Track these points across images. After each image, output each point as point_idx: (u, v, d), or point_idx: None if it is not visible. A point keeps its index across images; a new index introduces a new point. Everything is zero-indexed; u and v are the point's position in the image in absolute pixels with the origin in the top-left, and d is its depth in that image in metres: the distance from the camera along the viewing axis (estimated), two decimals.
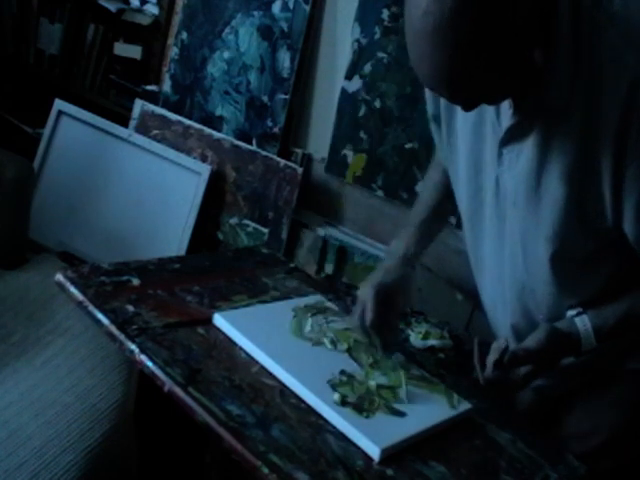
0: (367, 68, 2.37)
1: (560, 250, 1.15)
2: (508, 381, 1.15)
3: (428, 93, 1.32)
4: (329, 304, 1.43)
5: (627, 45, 1.01)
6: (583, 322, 1.16)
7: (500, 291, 1.31)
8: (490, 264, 1.31)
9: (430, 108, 1.33)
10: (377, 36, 2.33)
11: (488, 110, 1.17)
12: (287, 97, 2.52)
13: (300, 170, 2.47)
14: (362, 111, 2.40)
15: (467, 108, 1.10)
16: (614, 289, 1.17)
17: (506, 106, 1.12)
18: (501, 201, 1.21)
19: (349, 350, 1.29)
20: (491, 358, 1.14)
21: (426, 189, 1.50)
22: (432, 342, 1.72)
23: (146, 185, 2.62)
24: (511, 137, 1.14)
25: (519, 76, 1.04)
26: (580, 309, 1.17)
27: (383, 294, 1.31)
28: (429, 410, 1.19)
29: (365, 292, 1.32)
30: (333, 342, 1.30)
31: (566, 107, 1.06)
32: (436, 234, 1.49)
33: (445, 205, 1.45)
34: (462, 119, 1.24)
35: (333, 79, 2.48)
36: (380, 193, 2.38)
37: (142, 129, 2.70)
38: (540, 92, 1.06)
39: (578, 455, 1.23)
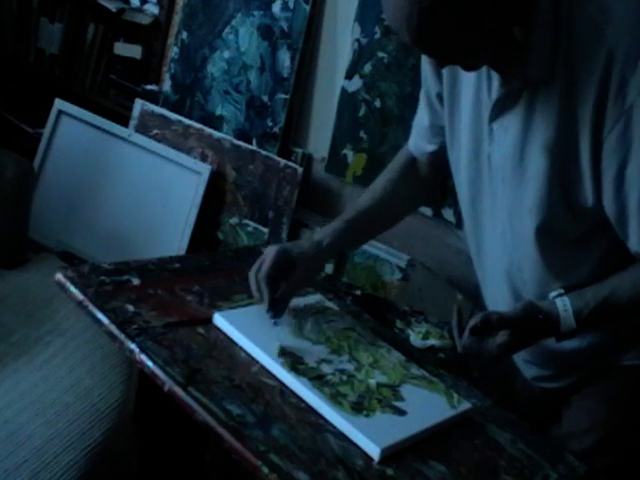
0: (367, 68, 2.37)
1: (544, 225, 1.17)
2: (483, 350, 1.15)
3: (429, 73, 1.32)
4: (329, 304, 1.43)
5: (604, 19, 1.04)
6: (563, 303, 1.16)
7: (497, 276, 1.32)
8: (489, 250, 1.32)
9: (433, 87, 1.33)
10: (377, 36, 2.33)
11: (483, 90, 1.19)
12: (287, 97, 2.52)
13: (300, 170, 2.47)
14: (362, 111, 2.40)
15: (439, 64, 1.13)
16: (601, 275, 1.18)
17: (497, 83, 1.15)
18: (493, 179, 1.23)
19: (349, 350, 1.29)
20: (470, 324, 1.15)
21: (373, 187, 1.45)
22: (432, 342, 1.72)
23: (146, 185, 2.62)
24: (499, 111, 1.16)
25: (497, 48, 1.07)
26: (562, 291, 1.18)
27: (284, 260, 1.30)
28: (429, 410, 1.19)
29: (269, 250, 1.31)
30: (333, 342, 1.30)
31: (548, 81, 1.09)
32: (367, 237, 1.50)
33: (384, 212, 1.43)
34: (464, 102, 1.25)
35: (333, 79, 2.48)
36: None
37: (142, 129, 2.70)
38: (523, 67, 1.09)
39: (575, 453, 1.23)
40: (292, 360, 1.20)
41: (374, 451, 1.06)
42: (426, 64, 1.32)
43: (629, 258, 1.15)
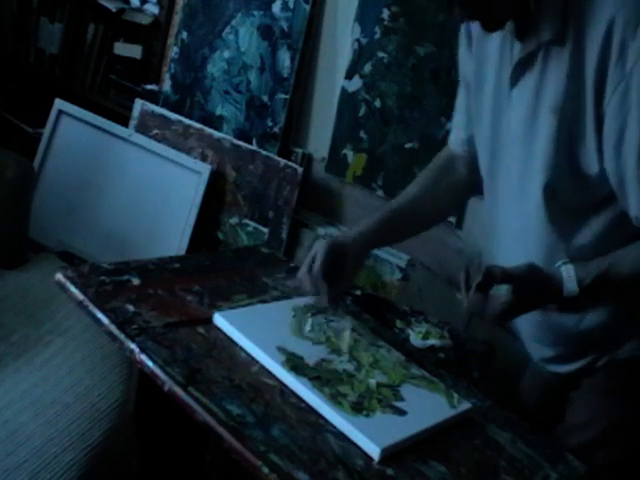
0: (367, 68, 2.37)
1: (550, 186, 1.20)
2: (487, 307, 1.16)
3: (465, 56, 1.36)
4: None
5: None
6: (567, 270, 1.17)
7: (509, 246, 1.34)
8: (503, 221, 1.34)
9: (470, 68, 1.36)
10: (377, 36, 2.33)
11: (505, 68, 1.23)
12: (287, 97, 2.52)
13: (300, 170, 2.47)
14: (362, 111, 2.40)
15: (460, 16, 1.17)
16: (604, 248, 1.19)
17: (517, 54, 1.19)
18: (510, 146, 1.26)
19: (349, 350, 1.29)
20: (476, 281, 1.16)
21: (410, 187, 1.48)
22: (432, 342, 1.72)
23: (146, 185, 2.62)
24: (518, 75, 1.20)
25: (513, 12, 1.14)
26: (567, 259, 1.19)
27: (335, 253, 1.31)
28: (429, 410, 1.19)
29: (319, 244, 1.33)
30: (333, 342, 1.30)
31: (559, 46, 1.13)
32: (401, 236, 1.52)
33: (419, 211, 1.45)
34: (491, 82, 1.28)
35: (333, 79, 2.48)
36: (380, 193, 2.38)
37: (142, 129, 2.70)
38: (538, 30, 1.14)
39: (577, 447, 1.24)
40: (292, 360, 1.20)
41: (374, 451, 1.06)
42: (462, 49, 1.37)
43: (633, 232, 1.17)
